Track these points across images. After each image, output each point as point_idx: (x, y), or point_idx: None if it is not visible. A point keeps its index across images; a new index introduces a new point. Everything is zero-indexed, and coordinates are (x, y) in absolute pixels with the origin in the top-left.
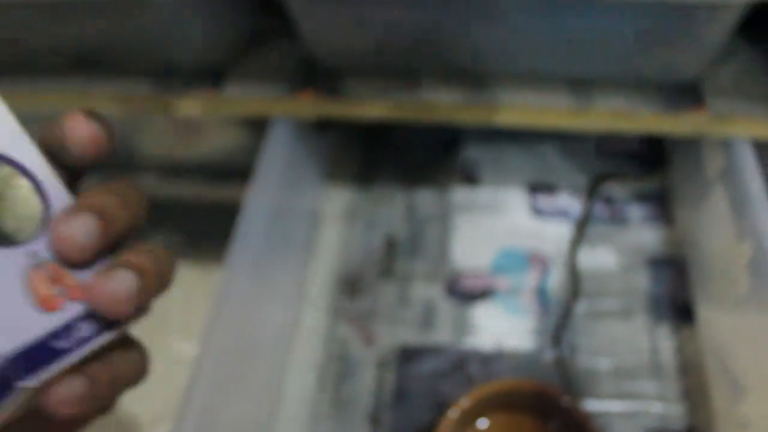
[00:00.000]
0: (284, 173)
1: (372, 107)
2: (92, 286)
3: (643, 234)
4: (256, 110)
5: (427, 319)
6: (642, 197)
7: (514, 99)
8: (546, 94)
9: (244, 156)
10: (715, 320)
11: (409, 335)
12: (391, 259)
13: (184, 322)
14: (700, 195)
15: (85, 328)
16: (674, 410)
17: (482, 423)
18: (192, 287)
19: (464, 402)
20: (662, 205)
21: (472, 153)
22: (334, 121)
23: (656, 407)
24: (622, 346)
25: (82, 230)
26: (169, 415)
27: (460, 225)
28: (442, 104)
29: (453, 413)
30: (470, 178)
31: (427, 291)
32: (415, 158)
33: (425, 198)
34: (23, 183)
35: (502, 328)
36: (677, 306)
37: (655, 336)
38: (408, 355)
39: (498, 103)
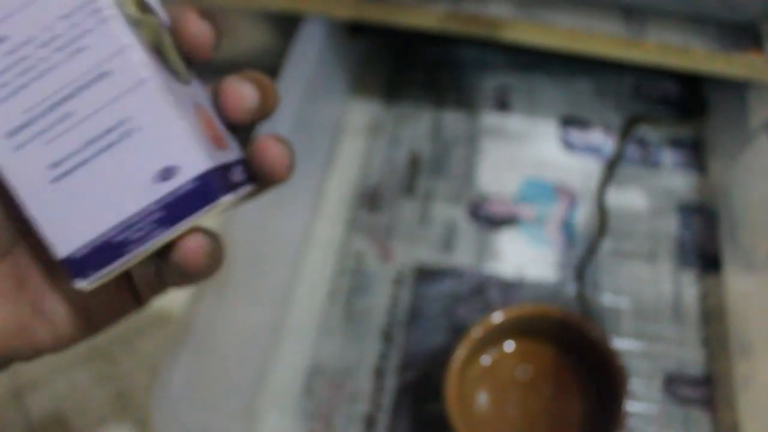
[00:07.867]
0: (310, 79)
1: (415, 15)
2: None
3: (675, 179)
4: (290, 5)
5: (448, 241)
6: (676, 143)
7: (565, 21)
8: (598, 19)
9: (271, 58)
10: (741, 273)
11: (427, 255)
12: (414, 176)
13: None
14: (740, 144)
15: (238, 173)
16: (693, 356)
17: (509, 345)
18: None
19: (488, 323)
20: (696, 153)
21: (506, 79)
22: (367, 26)
23: (676, 351)
24: (645, 287)
25: (249, 94)
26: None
27: (487, 149)
28: (489, 19)
29: (476, 332)
30: (502, 104)
31: (449, 212)
32: (444, 78)
33: (453, 118)
34: (167, 35)
35: (525, 258)
36: (703, 254)
37: (678, 281)
38: (425, 275)
39: (548, 24)
